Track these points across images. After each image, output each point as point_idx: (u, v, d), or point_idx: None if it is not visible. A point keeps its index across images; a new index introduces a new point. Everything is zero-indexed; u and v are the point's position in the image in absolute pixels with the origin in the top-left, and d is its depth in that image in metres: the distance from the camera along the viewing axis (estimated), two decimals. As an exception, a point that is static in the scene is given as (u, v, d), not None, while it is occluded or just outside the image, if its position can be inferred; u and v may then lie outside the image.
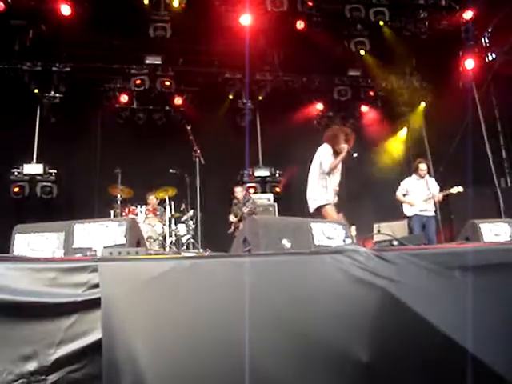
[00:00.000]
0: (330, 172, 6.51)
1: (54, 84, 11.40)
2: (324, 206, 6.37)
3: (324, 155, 6.58)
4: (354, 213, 6.74)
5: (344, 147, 6.52)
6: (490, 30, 13.13)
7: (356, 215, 6.54)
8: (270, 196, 11.61)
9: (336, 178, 6.63)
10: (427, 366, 2.64)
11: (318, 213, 6.41)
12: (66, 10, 9.86)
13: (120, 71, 11.92)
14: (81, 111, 11.30)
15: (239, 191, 9.95)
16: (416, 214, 8.81)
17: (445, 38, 12.22)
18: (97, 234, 3.47)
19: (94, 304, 2.38)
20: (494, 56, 12.94)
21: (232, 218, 9.66)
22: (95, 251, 3.23)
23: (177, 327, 2.48)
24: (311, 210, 6.54)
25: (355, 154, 6.58)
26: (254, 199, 10.35)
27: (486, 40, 13.29)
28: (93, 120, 11.61)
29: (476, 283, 2.94)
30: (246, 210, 9.35)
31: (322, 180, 6.55)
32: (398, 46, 12.68)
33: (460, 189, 8.55)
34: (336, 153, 6.59)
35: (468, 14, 11.78)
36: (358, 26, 11.49)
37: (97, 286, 2.42)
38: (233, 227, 9.55)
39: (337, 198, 6.62)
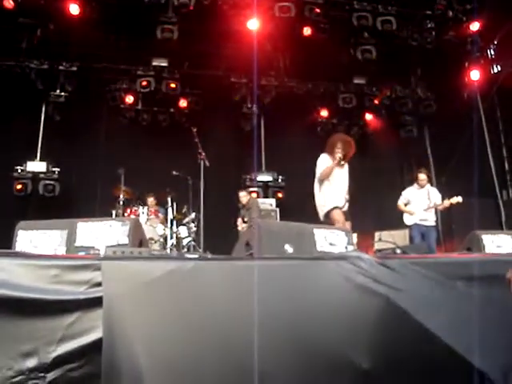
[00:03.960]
0: (325, 179, 6.61)
1: (60, 82, 11.41)
2: (331, 210, 6.43)
3: (319, 164, 6.74)
4: (354, 221, 6.71)
5: (336, 156, 6.66)
6: (495, 43, 13.16)
7: (357, 223, 6.52)
8: (273, 201, 11.60)
9: (338, 184, 6.67)
10: (427, 375, 2.65)
11: (328, 219, 6.42)
12: (74, 9, 9.89)
13: (126, 72, 11.94)
14: (86, 110, 11.31)
15: (243, 196, 9.94)
16: (416, 223, 8.81)
17: (451, 48, 12.26)
18: (100, 233, 3.47)
19: (96, 302, 2.39)
20: (499, 68, 12.97)
21: (240, 222, 9.65)
22: (98, 250, 3.24)
23: (177, 328, 2.49)
24: (320, 218, 6.58)
25: (342, 163, 6.75)
26: (258, 204, 10.33)
27: (492, 52, 13.32)
28: (97, 120, 11.63)
29: (478, 294, 2.94)
30: (250, 216, 9.33)
31: (324, 187, 6.63)
32: (405, 55, 12.74)
33: (459, 199, 8.53)
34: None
35: (475, 26, 11.80)
36: (364, 33, 11.51)
37: (99, 284, 2.43)
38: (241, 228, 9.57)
39: (347, 205, 6.66)
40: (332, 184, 6.62)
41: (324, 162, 6.72)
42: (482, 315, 2.94)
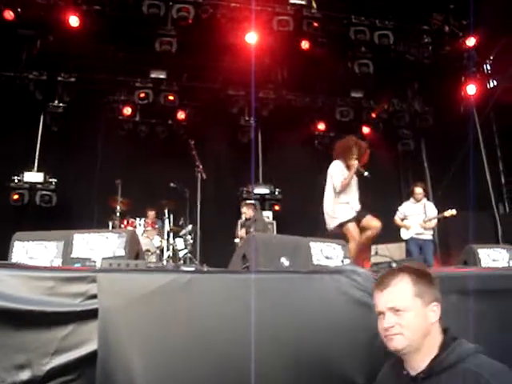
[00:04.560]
0: (343, 190, 6.21)
1: (58, 93, 11.45)
2: (345, 223, 6.10)
3: (333, 172, 6.30)
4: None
5: (354, 163, 6.21)
6: (491, 58, 13.26)
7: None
8: (269, 214, 11.61)
9: (352, 194, 6.31)
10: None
11: (337, 231, 6.15)
12: (74, 21, 9.92)
13: (124, 84, 11.98)
14: (84, 121, 11.34)
15: (247, 208, 9.86)
16: (412, 238, 8.82)
17: (447, 63, 12.34)
18: (96, 245, 3.46)
19: (92, 315, 2.38)
20: (495, 83, 13.06)
21: (242, 233, 9.56)
22: (94, 262, 3.23)
23: (173, 341, 2.48)
24: (328, 229, 6.31)
25: (366, 173, 6.28)
26: (263, 218, 10.26)
27: (488, 67, 13.42)
28: (95, 131, 11.63)
29: (473, 308, 2.94)
30: (255, 229, 9.25)
31: (338, 198, 6.27)
32: (401, 69, 12.84)
33: (453, 212, 8.53)
34: (349, 167, 6.28)
35: (471, 41, 11.90)
36: (362, 48, 11.59)
37: (95, 296, 2.42)
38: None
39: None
40: (347, 193, 6.25)
41: (339, 170, 6.28)
42: (478, 329, 2.94)
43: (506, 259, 4.73)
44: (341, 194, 6.25)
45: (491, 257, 4.66)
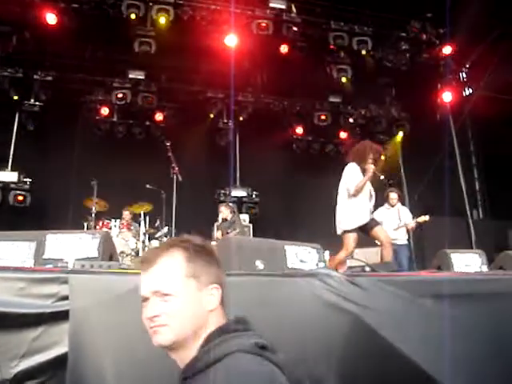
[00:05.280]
0: (357, 194, 6.01)
1: (34, 92, 11.30)
2: (347, 231, 5.99)
3: (350, 175, 6.11)
4: (328, 238, 6.69)
5: (370, 167, 6.02)
6: (467, 66, 13.51)
7: (330, 240, 6.50)
8: (246, 217, 11.61)
9: (365, 198, 6.11)
10: (394, 394, 2.66)
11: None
12: (51, 19, 9.82)
13: (102, 83, 11.89)
14: (60, 121, 11.19)
15: (225, 210, 9.84)
16: (386, 243, 8.86)
17: (424, 70, 12.53)
18: (69, 246, 3.41)
19: (63, 316, 2.35)
20: (470, 91, 13.30)
21: (218, 235, 9.53)
22: (67, 263, 3.18)
23: (145, 344, 2.45)
24: (338, 231, 6.16)
25: (382, 177, 6.20)
26: (241, 220, 10.25)
27: (464, 75, 13.67)
28: (72, 130, 11.49)
29: (446, 312, 2.97)
30: (233, 231, 9.25)
31: (350, 202, 6.07)
32: (379, 75, 12.98)
33: (427, 218, 8.61)
34: (364, 171, 6.09)
35: (447, 50, 12.13)
36: (341, 53, 11.70)
37: (66, 298, 2.38)
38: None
39: (365, 220, 6.05)
40: (359, 199, 6.04)
41: (355, 174, 6.08)
42: (450, 334, 2.98)
43: (478, 264, 4.80)
44: (353, 199, 6.05)
45: (464, 261, 4.72)
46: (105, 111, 11.96)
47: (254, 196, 12.24)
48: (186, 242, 1.70)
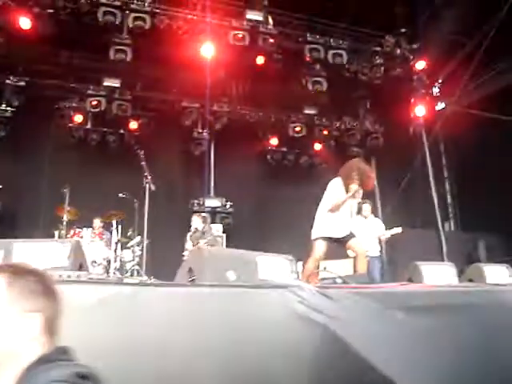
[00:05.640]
0: (334, 211, 6.00)
1: (6, 97, 11.10)
2: (318, 239, 6.00)
3: (331, 190, 6.13)
4: (301, 249, 6.70)
5: (352, 187, 5.98)
6: (440, 81, 13.77)
7: (302, 252, 6.50)
8: (220, 227, 11.54)
9: (343, 214, 6.09)
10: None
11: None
12: (25, 23, 9.68)
13: (76, 90, 11.74)
14: (32, 127, 11.01)
15: (197, 220, 9.77)
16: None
17: (398, 84, 12.75)
18: (38, 255, 3.34)
19: (27, 328, 2.28)
20: (443, 105, 13.54)
21: (189, 245, 9.45)
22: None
23: (114, 355, 2.41)
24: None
25: (359, 201, 6.24)
26: (212, 231, 10.17)
27: (437, 90, 13.92)
28: (44, 137, 11.30)
29: (416, 324, 2.99)
30: (204, 241, 9.18)
31: (326, 214, 6.08)
32: (354, 88, 13.15)
33: (399, 230, 8.67)
34: (347, 190, 6.06)
35: (420, 65, 12.39)
36: (316, 65, 11.81)
37: (32, 309, 2.32)
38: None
39: (343, 233, 6.07)
40: (336, 215, 6.03)
41: (337, 189, 6.09)
42: (420, 346, 2.99)
43: (448, 276, 4.85)
44: (330, 212, 6.05)
45: (435, 274, 4.77)
46: (78, 118, 11.79)
47: (227, 206, 12.18)
48: (10, 267, 1.63)
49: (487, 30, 10.40)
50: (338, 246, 6.25)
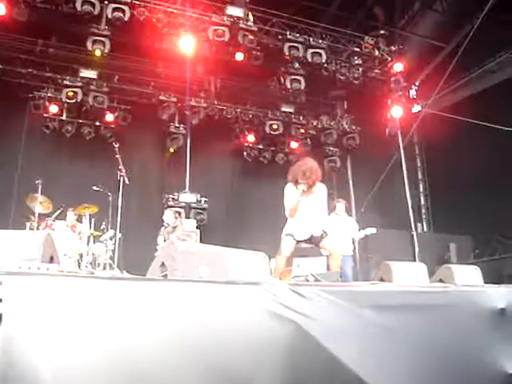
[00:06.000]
0: (293, 214, 6.00)
1: (-23, 85, 10.88)
2: (284, 235, 6.04)
3: (285, 195, 6.14)
4: (273, 246, 6.70)
5: (300, 187, 5.98)
6: (417, 84, 13.95)
7: (275, 248, 6.51)
8: (194, 222, 11.49)
9: (301, 216, 6.07)
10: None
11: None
12: (0, 9, 9.47)
13: (52, 80, 11.57)
14: (5, 116, 10.81)
15: (168, 215, 9.73)
16: (331, 253, 8.95)
17: (376, 85, 12.86)
18: (7, 246, 3.29)
19: (-6, 320, 2.25)
20: (419, 108, 13.72)
21: (160, 240, 9.39)
22: (3, 264, 3.06)
23: (84, 350, 2.39)
24: None
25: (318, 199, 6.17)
26: (183, 226, 10.13)
27: (414, 92, 14.10)
28: (17, 127, 11.12)
29: (386, 323, 3.03)
30: (174, 236, 9.13)
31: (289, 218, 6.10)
32: (332, 87, 13.23)
33: (373, 230, 8.72)
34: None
35: (398, 67, 12.52)
36: (295, 64, 11.83)
37: (0, 300, 2.29)
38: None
39: (316, 234, 6.08)
40: (298, 216, 6.04)
41: (289, 194, 6.06)
42: (389, 344, 3.03)
43: (420, 276, 4.91)
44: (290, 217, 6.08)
45: (406, 274, 4.82)
46: (53, 109, 11.60)
47: (202, 202, 12.13)
48: None
49: (463, 35, 10.57)
50: (308, 246, 6.27)
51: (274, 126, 12.94)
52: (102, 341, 2.43)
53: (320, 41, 11.75)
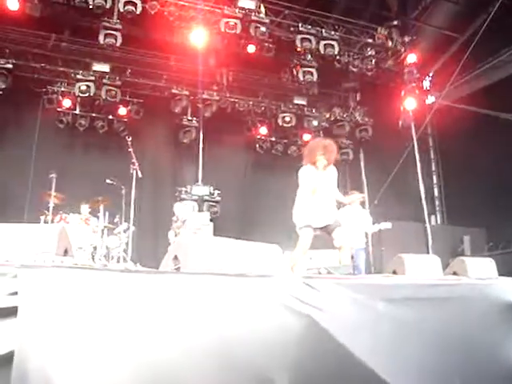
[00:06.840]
0: (314, 193, 5.87)
1: (-8, 80, 10.95)
2: (302, 228, 5.90)
3: (302, 176, 6.02)
4: (287, 239, 6.70)
5: (320, 163, 5.93)
6: (430, 75, 13.80)
7: (289, 241, 6.50)
8: (207, 215, 11.50)
9: (321, 199, 5.96)
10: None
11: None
12: (13, 4, 9.51)
13: (65, 75, 11.63)
14: (19, 111, 10.92)
15: (179, 208, 9.74)
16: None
17: (389, 77, 12.75)
18: (23, 239, 3.32)
19: (11, 313, 2.27)
20: (433, 99, 13.59)
21: (171, 235, 9.41)
22: (18, 257, 3.09)
23: (97, 342, 2.41)
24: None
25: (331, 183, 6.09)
26: (194, 219, 10.12)
27: (427, 83, 13.96)
28: (31, 121, 11.20)
29: (398, 316, 3.02)
30: (184, 229, 9.15)
31: (304, 201, 5.99)
32: (345, 79, 13.15)
33: (388, 225, 8.63)
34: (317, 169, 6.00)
35: (412, 58, 12.37)
36: (307, 56, 11.77)
37: (15, 293, 2.31)
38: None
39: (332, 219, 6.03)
40: (315, 198, 5.91)
41: (308, 172, 5.98)
42: (401, 337, 3.02)
43: (433, 269, 4.88)
44: (308, 198, 5.94)
45: (419, 266, 4.79)
46: (67, 103, 11.67)
47: (215, 195, 12.15)
48: None
49: (478, 25, 10.43)
50: (322, 236, 6.23)
51: (287, 119, 12.89)
52: (115, 331, 2.45)
53: (332, 32, 11.65)
